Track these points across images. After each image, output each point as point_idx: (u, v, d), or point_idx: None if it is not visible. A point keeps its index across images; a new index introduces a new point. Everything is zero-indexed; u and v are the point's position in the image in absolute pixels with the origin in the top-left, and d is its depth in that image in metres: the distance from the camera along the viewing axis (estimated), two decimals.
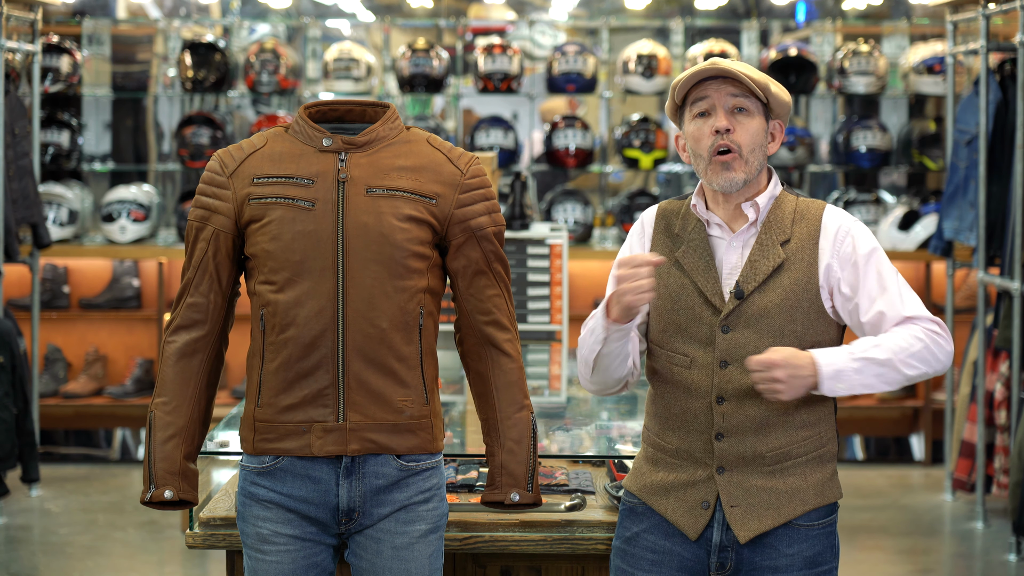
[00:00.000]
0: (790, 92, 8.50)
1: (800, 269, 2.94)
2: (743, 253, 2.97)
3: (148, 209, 8.22)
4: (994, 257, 6.78)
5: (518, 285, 5.60)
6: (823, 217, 2.98)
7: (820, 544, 2.97)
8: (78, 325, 8.22)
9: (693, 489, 2.96)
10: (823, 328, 2.96)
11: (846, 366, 2.86)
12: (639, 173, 8.82)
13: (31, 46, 7.44)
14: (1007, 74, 6.83)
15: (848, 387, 2.87)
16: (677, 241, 3.02)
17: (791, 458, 2.94)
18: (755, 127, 2.96)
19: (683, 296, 2.97)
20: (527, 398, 3.04)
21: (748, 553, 2.95)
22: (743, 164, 2.94)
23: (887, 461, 8.18)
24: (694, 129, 2.97)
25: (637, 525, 3.03)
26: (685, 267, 2.98)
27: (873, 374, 2.87)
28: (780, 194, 3.02)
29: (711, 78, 2.95)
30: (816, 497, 2.96)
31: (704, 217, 3.00)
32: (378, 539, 2.96)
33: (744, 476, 2.94)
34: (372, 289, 2.90)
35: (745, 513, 2.94)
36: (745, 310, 2.93)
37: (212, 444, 3.68)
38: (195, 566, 6.05)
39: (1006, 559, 6.19)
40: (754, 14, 8.96)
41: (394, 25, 9.00)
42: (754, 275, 2.94)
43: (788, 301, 2.93)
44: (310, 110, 3.03)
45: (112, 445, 8.16)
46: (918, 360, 2.89)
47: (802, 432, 2.95)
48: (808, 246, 2.96)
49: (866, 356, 2.87)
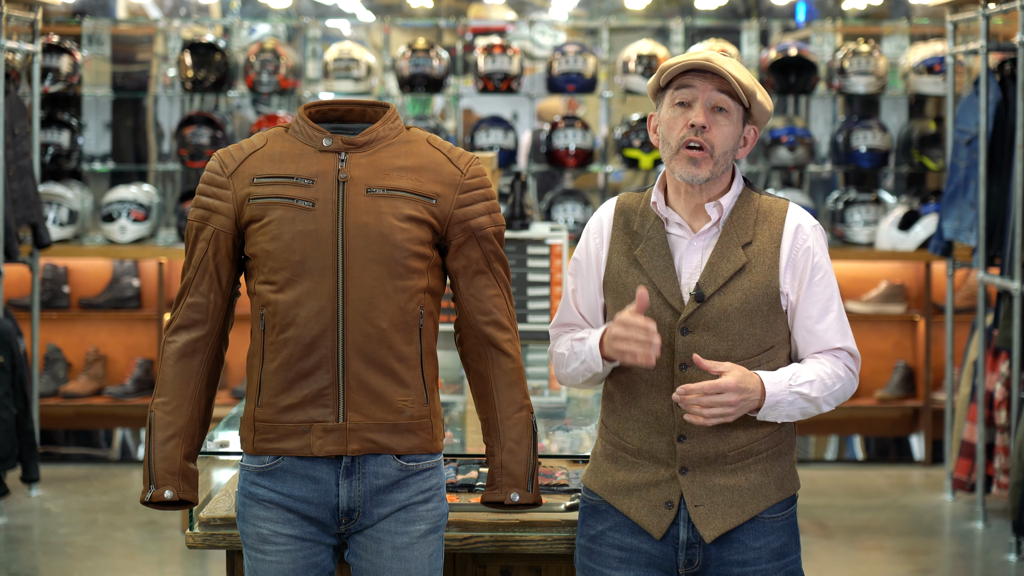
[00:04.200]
0: (790, 92, 8.51)
1: (761, 272, 2.94)
2: (704, 254, 2.96)
3: (148, 209, 8.22)
4: (994, 257, 6.78)
5: (518, 285, 5.60)
6: (786, 218, 2.98)
7: (785, 535, 3.00)
8: (78, 325, 8.22)
9: (656, 489, 2.97)
10: (780, 327, 2.97)
11: (784, 398, 2.91)
12: (639, 173, 8.82)
13: (31, 46, 7.44)
14: (1007, 74, 6.83)
15: (776, 416, 2.93)
16: (636, 239, 3.00)
17: (752, 455, 2.96)
18: (730, 130, 2.94)
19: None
20: (527, 398, 3.05)
21: (715, 550, 2.97)
22: (711, 164, 2.93)
23: (887, 461, 8.18)
24: (670, 117, 2.95)
25: (601, 523, 3.03)
26: (643, 267, 2.97)
27: (799, 408, 2.94)
28: (743, 192, 3.00)
29: (699, 70, 2.94)
30: (778, 491, 2.99)
31: (664, 215, 2.99)
32: (378, 539, 2.96)
33: (707, 476, 2.95)
34: (372, 289, 2.90)
35: (709, 512, 2.95)
36: (704, 313, 2.92)
37: (212, 444, 3.68)
38: (195, 566, 6.05)
39: (1006, 559, 6.19)
40: (754, 14, 8.96)
41: (394, 25, 9.00)
42: (715, 277, 2.93)
43: (748, 304, 2.93)
44: (310, 110, 3.03)
45: (112, 445, 8.16)
46: (834, 399, 2.98)
47: (763, 429, 2.97)
48: (770, 249, 2.95)
49: (800, 391, 2.92)
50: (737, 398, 2.85)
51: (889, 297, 8.17)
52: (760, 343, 2.94)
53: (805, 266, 2.95)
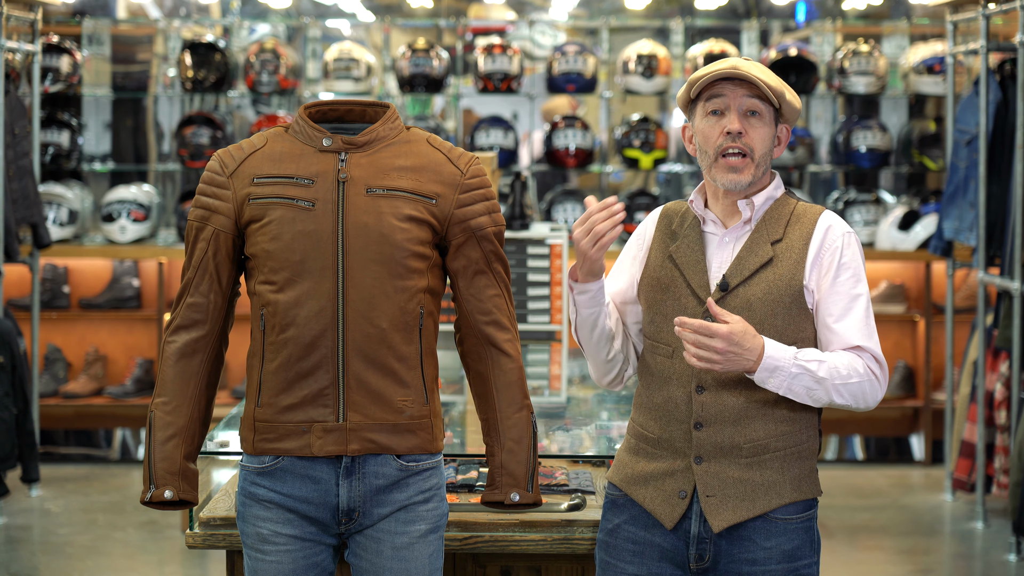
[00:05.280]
0: None
1: (786, 266, 2.97)
2: (734, 249, 3.01)
3: (148, 209, 8.22)
4: (994, 257, 6.78)
5: (518, 285, 5.60)
6: (819, 220, 3.01)
7: (798, 538, 2.99)
8: (78, 325, 8.22)
9: (671, 479, 3.00)
10: (804, 324, 2.99)
11: (786, 366, 2.89)
12: (639, 173, 8.82)
13: (31, 46, 7.44)
14: (1007, 74, 6.83)
15: (777, 385, 2.91)
16: (674, 237, 3.07)
17: (769, 451, 2.97)
18: (766, 132, 3.00)
19: (672, 288, 3.02)
20: (527, 398, 3.05)
21: (726, 545, 2.98)
22: (753, 167, 2.98)
23: (887, 461, 8.18)
24: (706, 127, 3.01)
25: (618, 517, 3.06)
26: (677, 261, 3.04)
27: (804, 385, 2.91)
28: (781, 196, 3.06)
29: (728, 78, 2.97)
30: (793, 492, 2.99)
31: (700, 214, 3.05)
32: (378, 539, 2.96)
33: (721, 467, 2.97)
34: (372, 289, 2.90)
35: (720, 503, 2.96)
36: (729, 302, 2.97)
37: (212, 444, 3.68)
38: (195, 566, 6.05)
39: (1006, 559, 6.19)
40: (754, 14, 8.96)
41: (394, 25, 9.00)
42: (741, 270, 2.98)
43: (771, 295, 2.96)
44: (310, 110, 3.03)
45: (112, 445, 8.16)
46: (849, 393, 2.94)
47: (781, 426, 2.97)
48: (798, 246, 2.99)
49: (807, 367, 2.90)
50: (724, 347, 2.85)
51: (889, 297, 8.17)
52: (783, 337, 2.95)
53: (831, 264, 2.98)
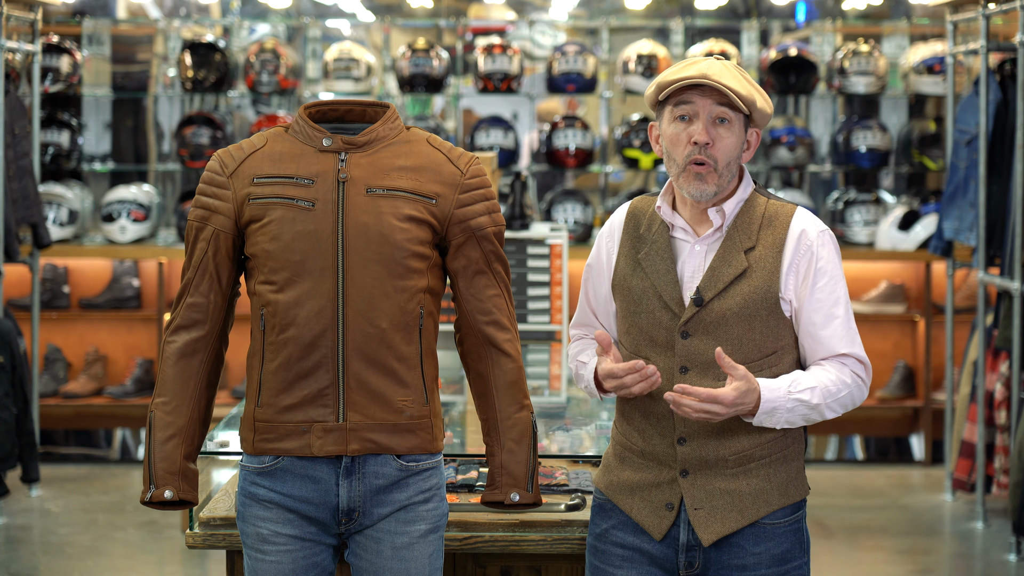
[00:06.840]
0: (790, 92, 8.51)
1: (761, 277, 2.93)
2: (706, 258, 2.96)
3: (148, 209, 8.22)
4: (994, 257, 6.78)
5: (518, 285, 5.60)
6: (791, 224, 2.96)
7: (788, 541, 2.99)
8: (78, 325, 8.22)
9: (657, 490, 2.98)
10: (783, 332, 2.96)
11: (782, 404, 2.90)
12: (639, 173, 8.82)
13: (31, 46, 7.44)
14: (1007, 74, 6.83)
15: (775, 423, 2.92)
16: (642, 242, 3.02)
17: (754, 460, 2.96)
18: (733, 141, 2.94)
19: (644, 300, 2.98)
20: (527, 398, 3.05)
21: (715, 553, 2.97)
22: (716, 177, 2.92)
23: (887, 461, 8.18)
24: (672, 132, 2.95)
25: (606, 521, 3.05)
26: (646, 270, 2.99)
27: (800, 415, 2.93)
28: (750, 196, 3.00)
29: (697, 85, 2.92)
30: (781, 497, 2.98)
31: (668, 220, 3.00)
32: (378, 539, 2.96)
33: (707, 479, 2.95)
34: (372, 289, 2.90)
35: (708, 516, 2.95)
36: (704, 317, 2.92)
37: (212, 444, 3.68)
38: (195, 566, 6.05)
39: (1006, 559, 6.19)
40: (754, 14, 8.96)
41: (394, 25, 8.99)
42: (715, 282, 2.93)
43: (747, 309, 2.92)
44: (310, 110, 3.03)
45: (112, 445, 8.16)
46: (840, 405, 2.97)
47: (765, 434, 2.96)
48: (772, 254, 2.94)
49: (801, 398, 2.91)
50: (726, 412, 2.86)
51: (889, 297, 8.17)
52: (761, 348, 2.93)
53: (808, 272, 2.94)
